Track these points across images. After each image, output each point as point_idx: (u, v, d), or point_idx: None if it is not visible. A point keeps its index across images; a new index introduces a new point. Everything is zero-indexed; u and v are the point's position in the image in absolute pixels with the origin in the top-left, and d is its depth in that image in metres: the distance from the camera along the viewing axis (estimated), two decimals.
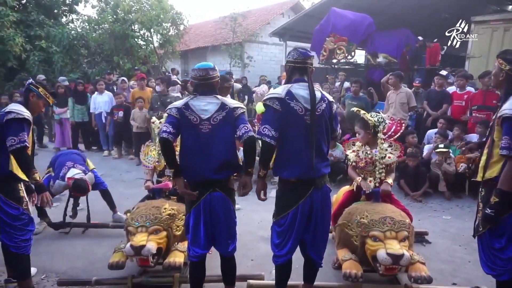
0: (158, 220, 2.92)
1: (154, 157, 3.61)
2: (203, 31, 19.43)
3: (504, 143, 2.19)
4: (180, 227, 3.02)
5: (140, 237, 2.80)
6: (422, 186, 5.23)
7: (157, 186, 3.49)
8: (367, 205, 2.91)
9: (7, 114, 2.64)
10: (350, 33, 10.33)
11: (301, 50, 2.39)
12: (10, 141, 2.60)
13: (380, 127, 3.09)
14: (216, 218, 2.45)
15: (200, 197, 2.42)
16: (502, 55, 2.37)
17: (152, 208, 3.05)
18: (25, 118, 2.69)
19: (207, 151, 2.40)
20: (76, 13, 13.79)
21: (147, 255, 2.72)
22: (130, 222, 2.97)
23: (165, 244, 2.95)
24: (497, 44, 7.91)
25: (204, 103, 2.42)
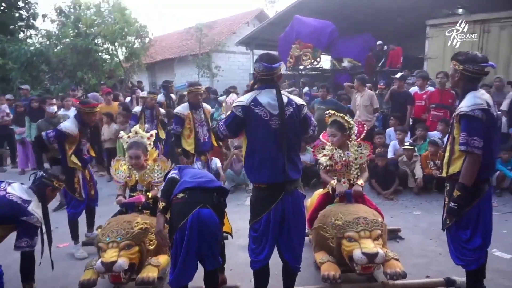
0: (130, 235, 2.84)
1: (124, 172, 3.54)
2: (169, 43, 19.28)
3: (462, 139, 2.32)
4: (154, 241, 2.96)
5: (111, 253, 2.72)
6: (392, 184, 5.41)
7: (129, 200, 3.41)
8: (341, 206, 2.98)
9: (29, 214, 2.75)
10: (314, 40, 10.61)
11: (265, 64, 2.34)
12: (23, 242, 2.77)
13: (353, 129, 3.20)
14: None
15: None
16: (455, 57, 2.52)
17: (123, 223, 2.97)
18: (38, 227, 2.86)
19: None
20: (34, 29, 13.31)
21: (118, 271, 2.65)
22: (100, 238, 2.89)
23: (137, 259, 2.88)
24: (450, 45, 8.39)
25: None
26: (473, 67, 2.41)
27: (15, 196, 2.78)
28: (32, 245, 2.81)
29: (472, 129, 2.30)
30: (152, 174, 3.50)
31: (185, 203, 2.42)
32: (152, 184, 3.49)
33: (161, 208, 2.57)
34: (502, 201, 5.05)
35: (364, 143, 3.29)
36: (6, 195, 2.76)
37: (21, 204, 2.76)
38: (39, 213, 2.84)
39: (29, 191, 2.91)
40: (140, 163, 3.47)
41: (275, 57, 2.44)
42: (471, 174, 2.35)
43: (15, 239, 2.80)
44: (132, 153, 3.44)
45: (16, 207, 2.74)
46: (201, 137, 4.51)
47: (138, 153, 3.45)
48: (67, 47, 11.79)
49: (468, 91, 2.45)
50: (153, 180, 3.48)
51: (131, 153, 3.45)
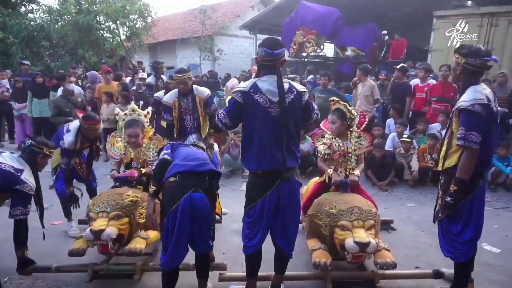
0: (120, 206, 2.90)
1: (120, 149, 3.57)
2: (172, 24, 19.05)
3: (460, 134, 2.31)
4: (144, 216, 2.96)
5: (100, 222, 2.77)
6: (388, 175, 5.43)
7: (123, 175, 3.46)
8: (336, 195, 2.99)
9: (22, 183, 2.78)
10: (319, 26, 10.48)
11: (267, 49, 2.31)
12: (17, 210, 2.81)
13: (355, 120, 3.18)
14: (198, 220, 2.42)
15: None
16: (458, 50, 2.49)
17: (114, 194, 3.03)
18: (32, 195, 2.89)
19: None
20: (36, 3, 13.11)
21: (106, 239, 2.69)
22: (91, 208, 2.95)
23: (127, 231, 2.92)
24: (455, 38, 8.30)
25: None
26: (475, 61, 2.38)
27: (7, 166, 2.80)
28: (26, 213, 2.86)
29: (471, 124, 2.29)
30: (147, 153, 3.55)
31: (176, 187, 2.38)
32: (147, 162, 3.53)
33: (152, 192, 2.53)
34: (495, 196, 5.08)
35: (364, 134, 3.28)
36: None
37: (14, 173, 2.79)
38: (32, 182, 2.87)
39: (20, 160, 2.93)
40: (138, 141, 3.51)
41: (278, 42, 2.39)
42: (469, 169, 2.35)
43: (10, 207, 2.84)
44: (131, 132, 3.47)
45: (9, 176, 2.77)
46: (188, 125, 4.21)
47: (137, 132, 3.48)
48: (69, 24, 11.66)
49: (469, 85, 2.43)
50: (148, 159, 3.53)
51: (130, 132, 3.47)
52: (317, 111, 2.56)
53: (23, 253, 2.96)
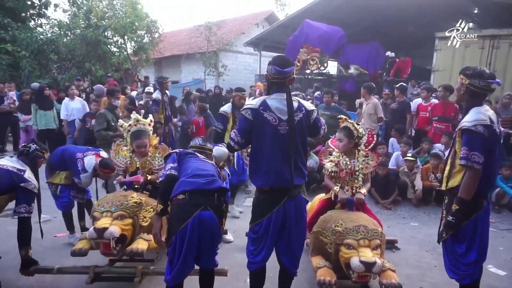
0: (124, 206, 2.96)
1: (125, 157, 3.60)
2: (178, 39, 19.35)
3: (463, 154, 2.34)
4: (147, 219, 3.05)
5: (104, 221, 2.82)
6: (391, 194, 5.43)
7: (129, 179, 3.50)
8: (342, 213, 2.99)
9: (27, 181, 2.90)
10: (323, 45, 10.64)
11: (277, 68, 2.35)
12: (22, 208, 2.88)
13: (363, 139, 3.21)
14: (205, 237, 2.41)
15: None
16: (463, 71, 2.54)
17: (119, 196, 3.11)
18: (36, 193, 2.99)
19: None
20: (45, 17, 13.39)
21: (109, 238, 2.71)
22: (96, 208, 3.02)
23: (130, 232, 2.95)
24: (459, 58, 8.41)
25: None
26: (479, 83, 2.42)
27: (9, 166, 2.91)
28: (29, 211, 2.92)
29: (473, 144, 2.32)
30: (153, 162, 3.58)
31: (186, 205, 2.35)
32: (152, 170, 3.56)
33: (159, 211, 2.48)
34: (500, 218, 5.06)
35: (371, 154, 3.30)
36: (1, 167, 2.89)
37: (18, 172, 2.91)
38: (35, 180, 2.98)
39: (20, 162, 3.04)
40: (146, 151, 3.56)
41: (288, 61, 2.44)
42: (470, 189, 2.37)
43: (15, 205, 2.92)
44: (140, 143, 3.51)
45: (14, 175, 2.89)
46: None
47: (146, 142, 3.54)
48: (77, 38, 11.86)
49: (472, 106, 2.46)
50: (154, 167, 3.56)
51: (139, 143, 3.51)
52: (324, 125, 2.60)
53: (27, 253, 2.99)
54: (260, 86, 10.86)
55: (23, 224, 2.94)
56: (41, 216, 3.22)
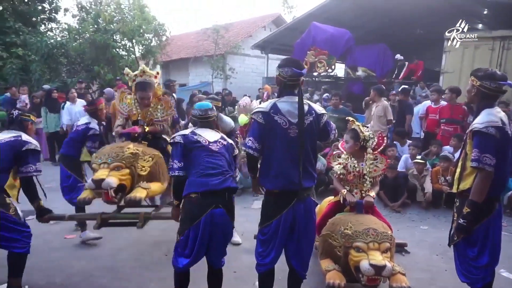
0: (120, 158, 3.05)
1: (129, 105, 3.65)
2: (185, 42, 19.47)
3: (474, 156, 2.31)
4: (146, 168, 3.13)
5: (101, 172, 2.93)
6: (400, 196, 5.38)
7: (126, 130, 3.57)
8: (351, 216, 2.97)
9: (26, 143, 2.94)
10: (330, 47, 10.63)
11: (296, 69, 2.38)
12: (29, 167, 2.90)
13: (369, 142, 3.18)
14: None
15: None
16: (474, 73, 2.52)
17: (116, 147, 3.20)
18: (39, 151, 3.06)
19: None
20: (55, 22, 13.59)
21: (106, 188, 2.82)
22: (94, 160, 3.14)
23: (128, 182, 3.05)
24: (469, 60, 8.31)
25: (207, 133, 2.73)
26: (490, 84, 2.40)
27: (6, 138, 2.94)
28: (37, 170, 2.96)
29: (485, 146, 2.30)
30: (154, 113, 3.62)
31: (198, 203, 2.44)
32: (153, 121, 3.62)
33: (176, 204, 2.70)
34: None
35: (380, 157, 3.27)
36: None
37: (15, 139, 2.94)
38: (33, 140, 3.02)
39: (12, 131, 3.04)
40: (149, 103, 3.61)
41: (301, 63, 2.52)
42: (482, 191, 2.34)
43: (21, 167, 2.91)
44: (144, 95, 3.56)
45: (14, 143, 2.92)
46: None
47: (149, 95, 3.58)
48: (86, 42, 12.00)
49: (483, 108, 2.44)
50: (155, 118, 3.62)
51: (143, 95, 3.55)
52: (334, 130, 2.61)
53: (39, 204, 3.09)
54: (268, 88, 10.86)
55: (28, 183, 2.98)
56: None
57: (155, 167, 3.30)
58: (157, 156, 3.38)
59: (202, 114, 2.79)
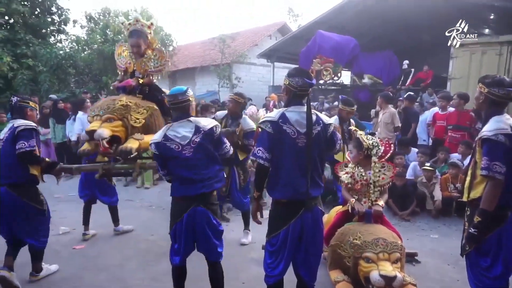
0: (111, 110, 3.16)
1: (126, 58, 3.73)
2: (192, 52, 19.63)
3: (484, 164, 2.28)
4: (140, 120, 3.26)
5: (93, 124, 3.09)
6: (409, 205, 5.31)
7: (121, 84, 3.64)
8: (360, 226, 2.94)
9: (18, 127, 3.10)
10: (336, 55, 10.63)
11: (307, 80, 2.39)
12: (20, 144, 3.03)
13: (374, 150, 3.14)
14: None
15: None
16: (482, 79, 2.50)
17: (109, 100, 3.32)
18: (33, 128, 3.16)
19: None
20: (64, 33, 13.83)
21: (98, 139, 2.98)
22: (89, 113, 3.38)
23: (122, 133, 3.18)
24: (476, 66, 8.25)
25: (181, 130, 2.65)
26: (498, 91, 2.38)
27: (6, 134, 3.16)
28: (30, 145, 3.06)
29: (495, 154, 2.27)
30: (148, 63, 3.65)
31: (181, 203, 2.67)
32: (148, 72, 3.66)
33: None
34: None
35: (388, 164, 3.24)
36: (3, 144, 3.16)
37: (11, 132, 3.12)
38: (26, 122, 3.15)
39: (12, 121, 3.23)
40: (140, 52, 3.63)
41: (310, 73, 2.54)
42: (492, 200, 2.31)
43: (15, 146, 3.07)
44: (133, 42, 3.59)
45: (10, 136, 3.12)
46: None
47: (139, 42, 3.60)
48: (94, 53, 12.17)
49: (492, 115, 2.42)
50: (149, 69, 3.66)
51: (132, 42, 3.60)
52: (340, 140, 2.60)
53: (46, 162, 3.32)
54: (274, 97, 10.89)
55: (26, 158, 3.08)
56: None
57: (151, 119, 3.39)
58: (152, 108, 3.45)
59: (172, 100, 2.69)
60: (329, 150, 2.59)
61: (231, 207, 5.33)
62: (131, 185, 7.01)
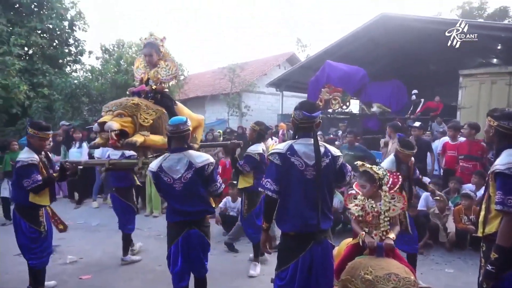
0: (123, 106, 3.50)
1: (141, 69, 4.15)
2: (202, 81, 20.06)
3: (498, 198, 2.24)
4: (148, 120, 3.59)
5: (105, 117, 3.43)
6: (422, 237, 5.16)
7: (136, 89, 4.04)
8: (371, 260, 2.86)
9: (17, 162, 3.35)
10: (345, 84, 10.74)
11: (305, 113, 2.39)
12: (26, 182, 3.26)
13: (384, 179, 3.11)
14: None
15: None
16: (491, 113, 2.49)
17: (123, 99, 3.70)
18: (30, 164, 3.30)
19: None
20: (80, 63, 14.31)
21: (107, 130, 3.30)
22: (103, 109, 3.65)
23: (130, 129, 3.49)
24: (486, 95, 8.26)
25: (175, 164, 2.81)
26: (508, 124, 2.37)
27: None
28: (34, 181, 3.26)
29: (509, 188, 2.22)
30: (161, 72, 4.02)
31: (177, 227, 2.87)
32: (160, 80, 4.02)
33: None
34: None
35: (398, 195, 3.18)
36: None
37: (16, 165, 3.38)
38: (25, 156, 3.34)
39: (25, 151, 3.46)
40: (153, 61, 4.05)
41: (315, 106, 2.54)
42: (509, 235, 2.24)
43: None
44: (146, 52, 4.04)
45: (15, 167, 3.42)
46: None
47: (151, 52, 4.02)
48: (108, 82, 12.54)
49: (504, 148, 2.39)
50: (161, 78, 4.02)
51: (145, 52, 4.05)
52: (350, 172, 2.59)
53: (54, 178, 3.50)
54: (283, 126, 10.95)
55: (38, 190, 3.30)
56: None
57: (159, 121, 3.74)
58: (161, 112, 3.83)
59: (173, 130, 2.80)
60: (338, 182, 2.57)
61: (240, 239, 5.28)
62: (140, 213, 6.99)
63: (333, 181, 2.49)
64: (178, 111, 4.14)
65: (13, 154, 6.66)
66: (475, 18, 18.77)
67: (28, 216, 3.39)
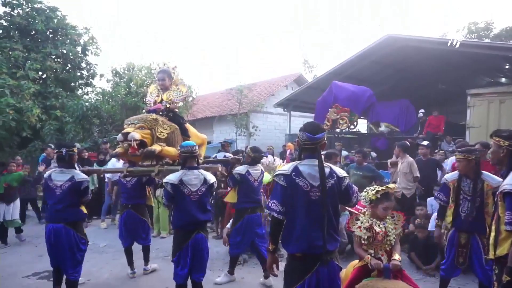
0: (144, 120, 4.02)
1: (155, 93, 4.64)
2: (210, 102, 20.30)
3: (508, 219, 2.21)
4: (164, 134, 4.06)
5: (128, 129, 3.92)
6: (434, 258, 5.04)
7: (152, 108, 4.50)
8: (379, 282, 2.80)
9: (81, 183, 3.81)
10: (352, 104, 10.78)
11: (309, 134, 2.41)
12: (86, 198, 3.89)
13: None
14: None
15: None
16: (497, 134, 2.49)
17: (144, 115, 4.24)
18: (87, 180, 3.92)
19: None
20: (91, 86, 14.67)
21: (130, 139, 3.75)
22: (125, 122, 4.14)
23: (149, 140, 3.96)
24: (494, 114, 8.21)
25: (193, 177, 3.45)
26: None
27: (64, 182, 3.78)
28: (89, 196, 3.98)
29: None
30: (173, 94, 4.56)
31: (185, 233, 3.43)
32: (172, 101, 4.52)
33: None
34: None
35: (397, 214, 3.18)
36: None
37: (72, 183, 3.76)
38: (82, 175, 3.85)
39: (63, 170, 3.82)
40: (166, 85, 4.60)
41: (319, 127, 2.50)
42: None
43: (83, 198, 3.89)
44: (160, 77, 4.61)
45: (73, 186, 3.76)
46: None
47: (164, 77, 4.59)
48: (118, 104, 12.78)
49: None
50: (174, 98, 4.54)
51: (159, 77, 4.63)
52: (356, 193, 2.57)
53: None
54: (290, 146, 10.97)
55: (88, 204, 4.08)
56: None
57: (172, 135, 4.21)
58: (174, 127, 4.31)
59: (187, 151, 3.52)
60: (344, 203, 2.56)
61: (247, 258, 5.29)
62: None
63: (339, 202, 2.48)
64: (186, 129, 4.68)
65: (7, 176, 6.68)
66: (482, 38, 18.85)
67: (80, 228, 3.85)
